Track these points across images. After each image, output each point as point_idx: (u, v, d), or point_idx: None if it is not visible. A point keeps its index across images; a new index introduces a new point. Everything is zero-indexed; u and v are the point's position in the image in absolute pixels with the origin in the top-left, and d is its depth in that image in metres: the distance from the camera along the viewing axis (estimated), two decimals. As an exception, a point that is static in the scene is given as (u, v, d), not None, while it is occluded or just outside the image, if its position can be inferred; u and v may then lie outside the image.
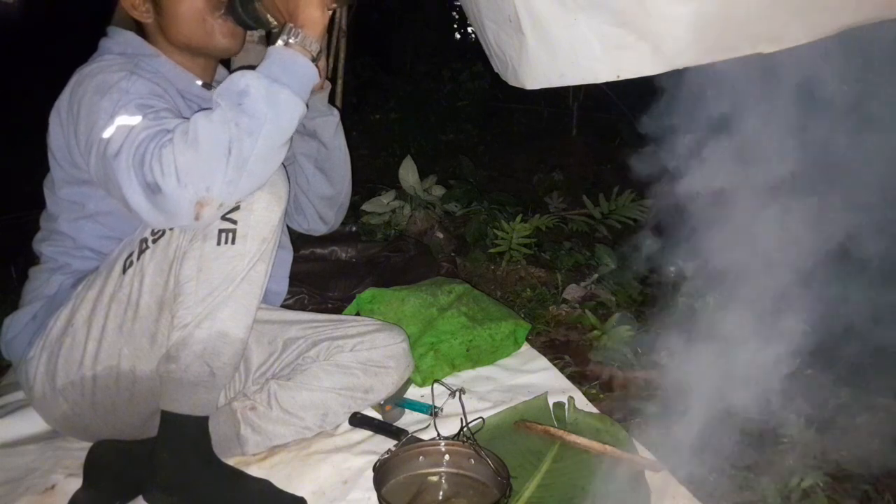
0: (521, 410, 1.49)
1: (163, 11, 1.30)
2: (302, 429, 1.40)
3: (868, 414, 1.53)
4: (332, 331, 1.46)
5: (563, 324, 2.01)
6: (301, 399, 1.38)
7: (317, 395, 1.38)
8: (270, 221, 1.20)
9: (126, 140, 1.10)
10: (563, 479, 1.28)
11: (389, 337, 1.46)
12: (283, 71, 1.14)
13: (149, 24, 1.32)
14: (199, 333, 1.16)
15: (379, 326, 1.49)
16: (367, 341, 1.43)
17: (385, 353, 1.44)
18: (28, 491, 1.26)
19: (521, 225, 2.41)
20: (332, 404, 1.40)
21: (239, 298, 1.19)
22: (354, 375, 1.41)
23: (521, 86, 1.83)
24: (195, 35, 1.32)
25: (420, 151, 3.64)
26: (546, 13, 1.62)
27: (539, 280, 2.26)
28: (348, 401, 1.42)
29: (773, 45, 1.38)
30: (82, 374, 1.24)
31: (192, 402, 1.18)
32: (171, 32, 1.32)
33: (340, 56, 2.85)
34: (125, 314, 1.22)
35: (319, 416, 1.40)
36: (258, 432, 1.35)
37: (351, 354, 1.41)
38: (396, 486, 1.24)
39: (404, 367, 1.48)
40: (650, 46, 1.50)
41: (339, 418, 1.44)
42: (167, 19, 1.31)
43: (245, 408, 1.36)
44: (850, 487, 1.32)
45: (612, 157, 3.74)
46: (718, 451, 1.40)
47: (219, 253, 1.17)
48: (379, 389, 1.44)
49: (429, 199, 2.92)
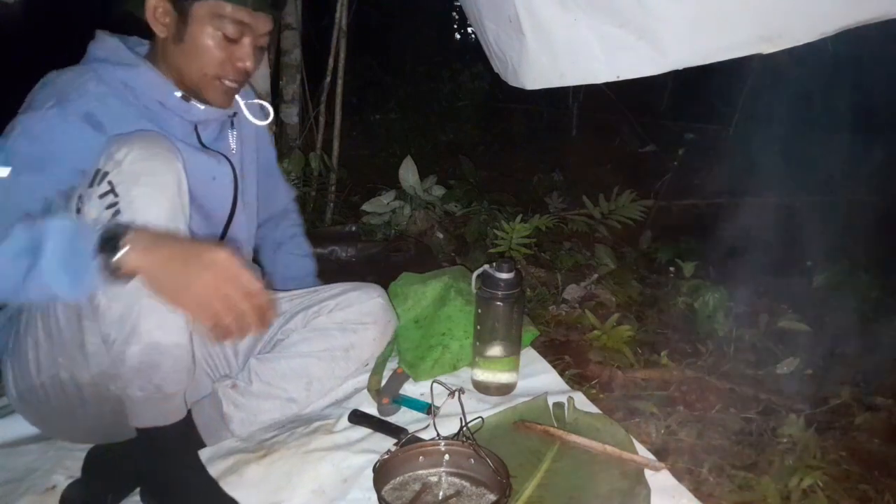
0: (521, 410, 1.49)
1: (184, 37, 1.23)
2: (286, 401, 1.40)
3: (868, 414, 1.53)
4: (307, 300, 1.48)
5: (563, 324, 2.01)
6: (280, 368, 1.38)
7: (295, 361, 1.39)
8: (158, 216, 1.06)
9: None
10: (563, 479, 1.28)
11: (364, 294, 1.48)
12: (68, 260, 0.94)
13: (160, 37, 1.26)
14: (131, 350, 1.09)
15: (352, 286, 1.50)
16: (341, 302, 1.45)
17: (360, 309, 1.46)
18: (28, 491, 1.26)
19: (521, 225, 2.41)
20: (313, 370, 1.41)
21: (157, 306, 1.06)
22: (332, 336, 1.42)
23: (521, 86, 1.83)
24: (195, 77, 1.26)
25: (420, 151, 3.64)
26: (546, 14, 1.62)
27: (539, 280, 2.26)
28: (330, 364, 1.43)
29: (773, 45, 1.38)
30: (32, 382, 1.20)
31: (151, 415, 1.17)
32: (179, 58, 1.25)
33: (340, 56, 2.85)
34: (49, 323, 1.15)
35: (303, 385, 1.41)
36: (241, 409, 1.35)
37: (326, 317, 1.43)
38: (396, 486, 1.24)
39: (384, 322, 1.49)
40: (650, 46, 1.50)
41: (324, 385, 1.44)
42: (181, 47, 1.24)
43: (226, 386, 1.37)
44: (850, 487, 1.32)
45: (612, 157, 3.74)
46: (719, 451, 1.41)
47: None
48: (360, 346, 1.45)
49: (429, 199, 2.92)
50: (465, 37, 6.59)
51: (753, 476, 1.32)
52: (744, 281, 2.14)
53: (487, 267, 1.56)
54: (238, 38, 1.23)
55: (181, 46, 1.24)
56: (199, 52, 1.23)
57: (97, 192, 1.06)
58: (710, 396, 1.62)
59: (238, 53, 1.25)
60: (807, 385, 1.65)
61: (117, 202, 1.05)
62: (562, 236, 2.67)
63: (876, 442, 1.47)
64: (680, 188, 3.13)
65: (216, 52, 1.24)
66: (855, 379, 1.65)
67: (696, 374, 1.70)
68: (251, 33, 1.24)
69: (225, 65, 1.25)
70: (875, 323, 1.94)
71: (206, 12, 1.21)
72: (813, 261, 2.22)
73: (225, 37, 1.22)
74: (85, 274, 0.94)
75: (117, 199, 1.05)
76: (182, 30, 1.22)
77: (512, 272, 1.53)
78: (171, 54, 1.26)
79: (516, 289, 1.54)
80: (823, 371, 1.68)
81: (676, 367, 1.72)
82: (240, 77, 1.29)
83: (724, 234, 2.40)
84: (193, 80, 1.27)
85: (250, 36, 1.25)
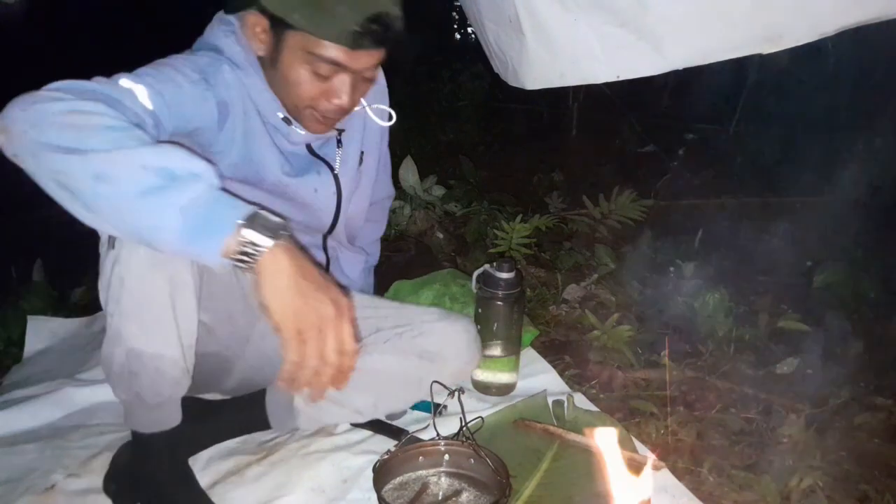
0: (521, 409, 1.49)
1: (277, 64, 1.13)
2: (353, 411, 1.39)
3: (868, 414, 1.53)
4: (394, 317, 1.43)
5: (563, 324, 2.01)
6: (355, 380, 1.34)
7: (371, 377, 1.35)
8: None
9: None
10: (563, 478, 1.28)
11: (451, 325, 1.41)
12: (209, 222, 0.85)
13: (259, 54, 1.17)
14: (117, 350, 1.06)
15: (441, 315, 1.44)
16: (426, 329, 1.39)
17: (444, 340, 1.39)
18: (28, 490, 1.26)
19: (521, 225, 2.40)
20: (385, 390, 1.39)
21: (141, 313, 1.03)
22: (410, 362, 1.37)
23: (522, 86, 1.83)
24: (288, 104, 1.18)
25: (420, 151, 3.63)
26: (546, 14, 1.62)
27: (539, 280, 2.26)
28: (403, 387, 1.40)
29: (774, 45, 1.38)
30: None
31: (135, 420, 1.16)
32: (273, 81, 1.17)
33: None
34: None
35: (371, 401, 1.39)
36: (311, 406, 1.35)
37: (409, 341, 1.38)
38: (396, 486, 1.24)
39: (467, 358, 1.43)
40: (650, 46, 1.50)
41: (391, 405, 1.43)
42: (275, 72, 1.14)
43: None
44: (850, 487, 1.32)
45: (612, 157, 3.74)
46: (719, 451, 1.41)
47: (107, 258, 1.04)
48: (437, 376, 1.40)
49: (429, 199, 2.92)
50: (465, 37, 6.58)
51: (753, 476, 1.32)
52: (744, 281, 2.14)
53: (488, 267, 1.55)
54: (331, 76, 1.11)
55: (275, 71, 1.14)
56: (290, 84, 1.13)
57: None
58: (710, 396, 1.62)
59: (333, 89, 1.13)
60: (807, 385, 1.65)
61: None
62: (562, 236, 2.67)
63: (876, 442, 1.47)
64: (680, 188, 3.13)
65: (307, 87, 1.12)
66: (855, 379, 1.64)
67: (696, 374, 1.70)
68: (350, 70, 1.11)
69: (318, 100, 1.15)
70: (875, 323, 1.94)
71: (299, 44, 1.08)
72: (813, 261, 2.22)
73: (319, 74, 1.11)
74: (212, 235, 0.85)
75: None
76: (276, 55, 1.12)
77: (512, 272, 1.53)
78: (268, 74, 1.17)
79: (516, 289, 1.54)
80: (823, 371, 1.68)
81: (676, 367, 1.71)
82: (336, 114, 1.18)
83: (723, 234, 2.40)
84: (287, 106, 1.19)
85: (347, 73, 1.12)
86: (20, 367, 1.77)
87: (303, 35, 1.06)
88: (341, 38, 1.05)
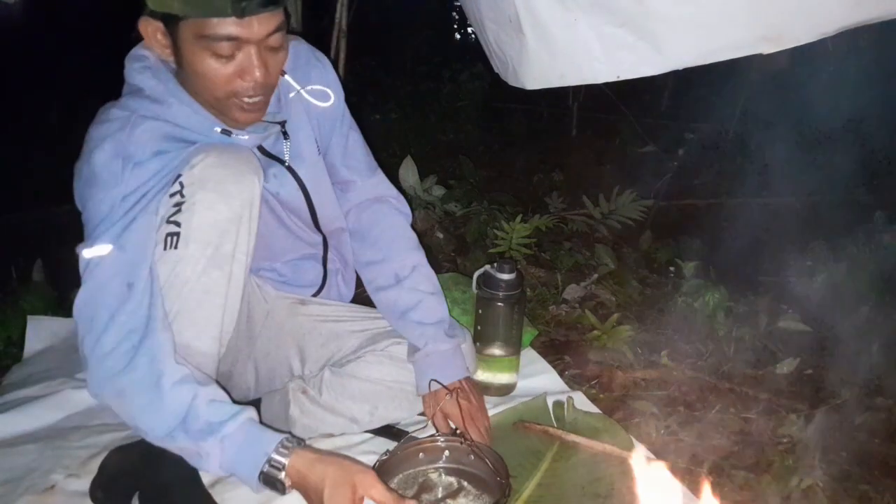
0: (521, 411, 1.49)
1: (184, 64, 1.10)
2: (349, 420, 1.37)
3: (868, 414, 1.53)
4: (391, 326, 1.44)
5: (563, 324, 2.01)
6: (350, 388, 1.35)
7: (366, 385, 1.35)
8: (215, 222, 1.09)
9: (94, 296, 1.07)
10: (563, 479, 1.28)
11: None
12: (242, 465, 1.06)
13: (169, 61, 1.15)
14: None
15: None
16: None
17: None
18: (28, 490, 1.26)
19: (521, 225, 2.40)
20: (381, 398, 1.37)
21: (194, 308, 1.10)
22: (407, 370, 1.37)
23: (521, 86, 1.83)
24: (210, 102, 1.15)
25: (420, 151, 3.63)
26: (546, 14, 1.62)
27: (539, 280, 2.26)
28: (399, 396, 1.39)
29: (774, 45, 1.38)
30: None
31: None
32: (188, 85, 1.14)
33: (340, 56, 2.85)
34: None
35: (367, 410, 1.37)
36: (307, 415, 1.35)
37: (406, 347, 1.39)
38: (396, 484, 1.24)
39: None
40: (650, 47, 1.50)
41: (388, 414, 1.40)
42: (187, 74, 1.12)
43: (297, 389, 1.35)
44: (850, 487, 1.32)
45: (612, 157, 3.74)
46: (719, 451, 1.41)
47: (165, 258, 1.09)
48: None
49: (429, 199, 2.91)
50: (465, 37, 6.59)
51: (753, 476, 1.32)
52: (744, 281, 2.14)
53: (488, 267, 1.55)
54: (233, 53, 1.07)
55: (184, 72, 1.12)
56: (201, 77, 1.10)
57: (170, 192, 1.09)
58: (710, 396, 1.62)
59: (242, 68, 1.09)
60: (807, 385, 1.65)
61: (182, 202, 1.08)
62: (562, 236, 2.67)
63: (876, 442, 1.47)
64: (680, 188, 3.13)
65: (217, 74, 1.09)
66: (855, 379, 1.64)
67: (696, 374, 1.70)
68: (251, 41, 1.08)
69: (233, 84, 1.10)
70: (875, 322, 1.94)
71: (192, 33, 1.05)
72: (813, 260, 2.22)
73: (221, 56, 1.07)
74: (244, 478, 1.06)
75: (183, 199, 1.09)
76: (180, 56, 1.09)
77: (513, 273, 1.53)
78: (185, 81, 1.14)
79: (517, 289, 1.54)
80: (823, 371, 1.68)
81: (676, 367, 1.71)
82: (258, 90, 1.13)
83: (723, 233, 2.40)
84: (211, 105, 1.15)
85: (251, 45, 1.08)
86: (20, 367, 1.77)
87: (192, 22, 1.05)
88: (224, 9, 1.03)
